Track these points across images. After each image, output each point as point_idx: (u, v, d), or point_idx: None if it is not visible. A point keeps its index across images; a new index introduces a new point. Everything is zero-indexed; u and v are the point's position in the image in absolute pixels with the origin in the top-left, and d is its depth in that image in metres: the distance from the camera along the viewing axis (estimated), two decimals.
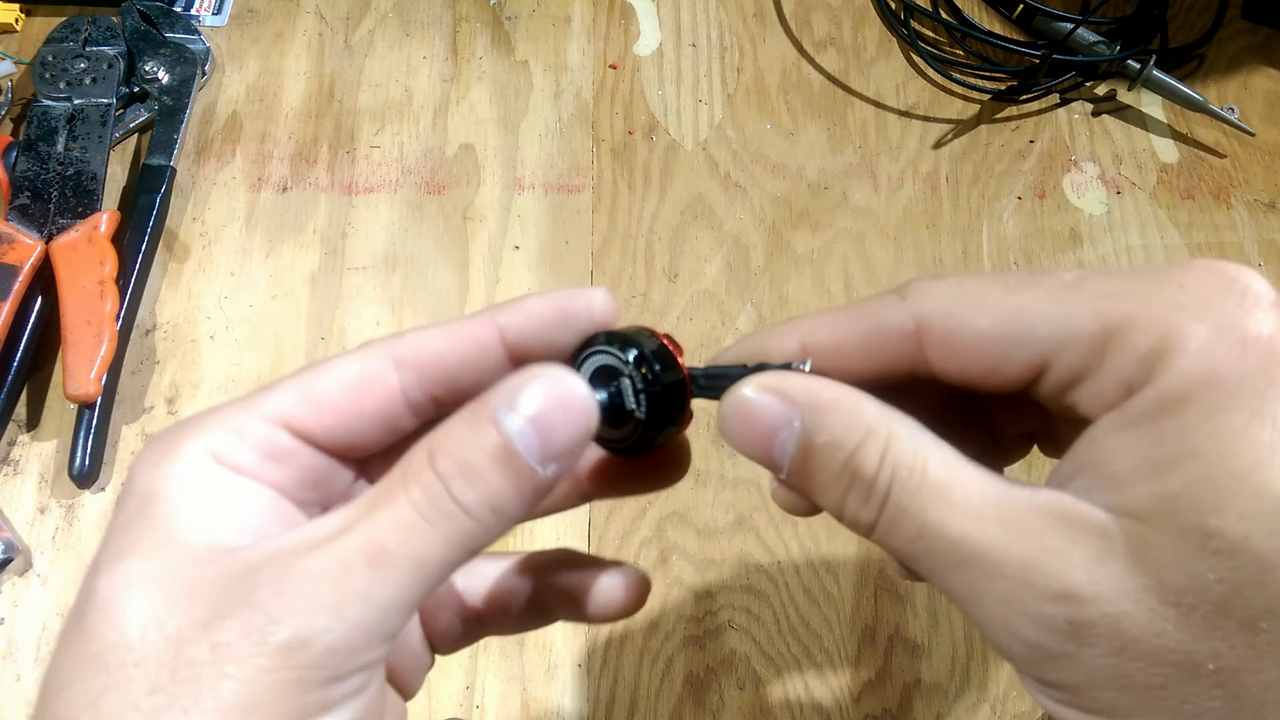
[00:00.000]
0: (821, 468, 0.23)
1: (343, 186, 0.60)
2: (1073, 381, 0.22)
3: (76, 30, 0.59)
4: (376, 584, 0.21)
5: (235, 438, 0.24)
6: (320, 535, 0.22)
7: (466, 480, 0.22)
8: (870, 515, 0.23)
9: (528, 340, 0.26)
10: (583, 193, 0.60)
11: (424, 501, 0.22)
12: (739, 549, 0.51)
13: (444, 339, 0.25)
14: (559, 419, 0.23)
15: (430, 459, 0.22)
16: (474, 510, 0.22)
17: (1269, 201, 0.62)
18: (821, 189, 0.61)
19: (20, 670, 0.47)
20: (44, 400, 0.53)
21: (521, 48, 0.65)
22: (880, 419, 0.23)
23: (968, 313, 0.23)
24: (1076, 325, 0.22)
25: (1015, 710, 0.48)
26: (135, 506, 0.23)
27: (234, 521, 0.23)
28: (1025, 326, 0.22)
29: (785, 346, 0.25)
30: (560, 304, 0.26)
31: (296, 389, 0.24)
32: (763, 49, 0.66)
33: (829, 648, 0.49)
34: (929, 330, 0.23)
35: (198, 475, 0.23)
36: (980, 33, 0.66)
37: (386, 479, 0.23)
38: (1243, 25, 0.69)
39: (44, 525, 0.50)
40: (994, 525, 0.21)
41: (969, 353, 0.23)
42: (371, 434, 0.25)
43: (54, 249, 0.53)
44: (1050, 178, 0.63)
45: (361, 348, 0.25)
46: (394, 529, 0.22)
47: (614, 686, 0.48)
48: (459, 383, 0.25)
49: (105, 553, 0.22)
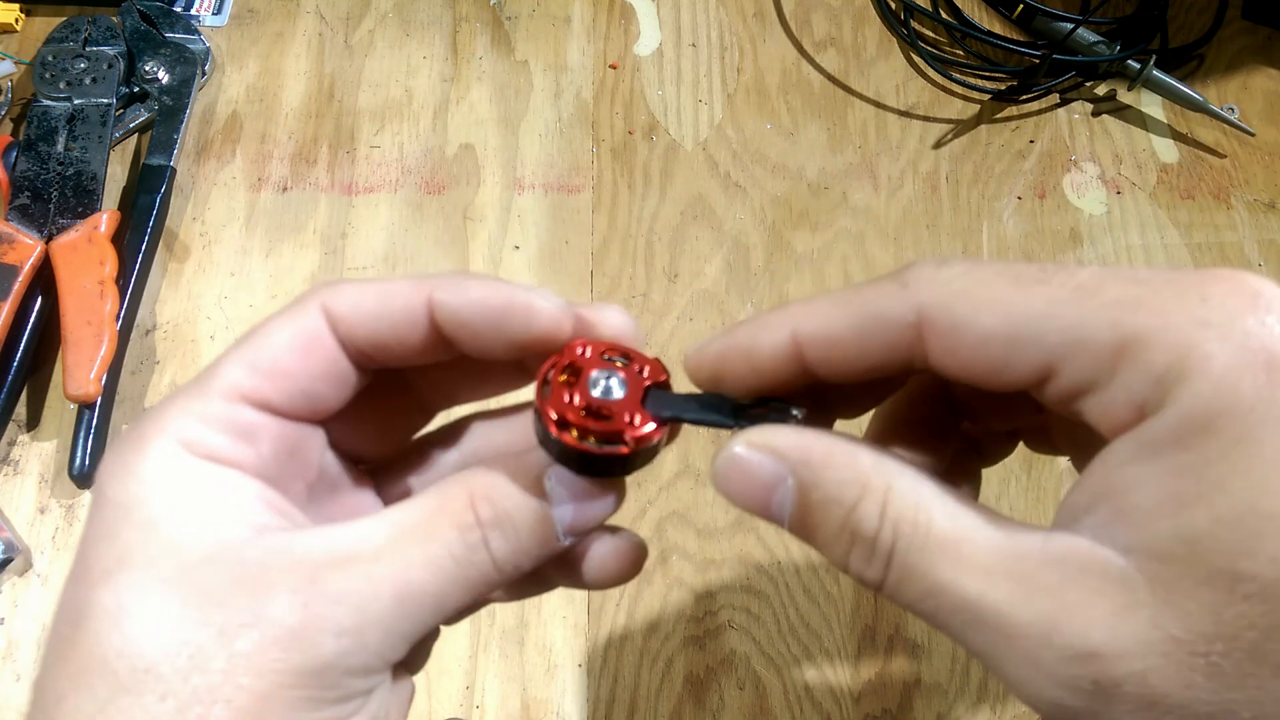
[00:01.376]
0: (820, 525, 0.22)
1: (343, 186, 0.60)
2: (1080, 392, 0.21)
3: (76, 30, 0.59)
4: (399, 616, 0.22)
5: (200, 423, 0.23)
6: (345, 551, 0.22)
7: (503, 534, 0.23)
8: (876, 574, 0.22)
9: (457, 326, 0.24)
10: (583, 193, 0.60)
11: (460, 545, 0.22)
12: (739, 549, 0.51)
13: (375, 300, 0.24)
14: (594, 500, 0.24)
15: (472, 502, 0.23)
16: (502, 563, 0.23)
17: (1269, 201, 0.62)
18: (821, 189, 0.61)
19: (20, 670, 0.47)
20: (44, 400, 0.53)
21: (521, 48, 0.65)
22: (876, 472, 0.22)
23: (973, 308, 0.21)
24: (1088, 334, 0.20)
25: (1015, 710, 0.48)
26: (115, 515, 0.22)
27: (225, 513, 0.22)
28: (1034, 329, 0.21)
29: (776, 339, 0.24)
30: (501, 301, 0.24)
31: (243, 360, 0.24)
32: (763, 49, 0.66)
33: (829, 648, 0.49)
34: (930, 323, 0.22)
35: (172, 470, 0.22)
36: (980, 33, 0.66)
37: (421, 503, 0.23)
38: (1243, 25, 0.69)
39: (44, 525, 0.50)
40: (1008, 582, 0.20)
41: (972, 351, 0.21)
42: (327, 392, 0.25)
43: (54, 249, 0.53)
44: (1050, 178, 0.63)
45: (296, 302, 0.25)
46: (425, 566, 0.22)
47: (614, 686, 0.48)
48: (385, 347, 0.25)
49: (92, 565, 0.21)
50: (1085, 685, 0.19)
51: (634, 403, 0.25)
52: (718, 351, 0.25)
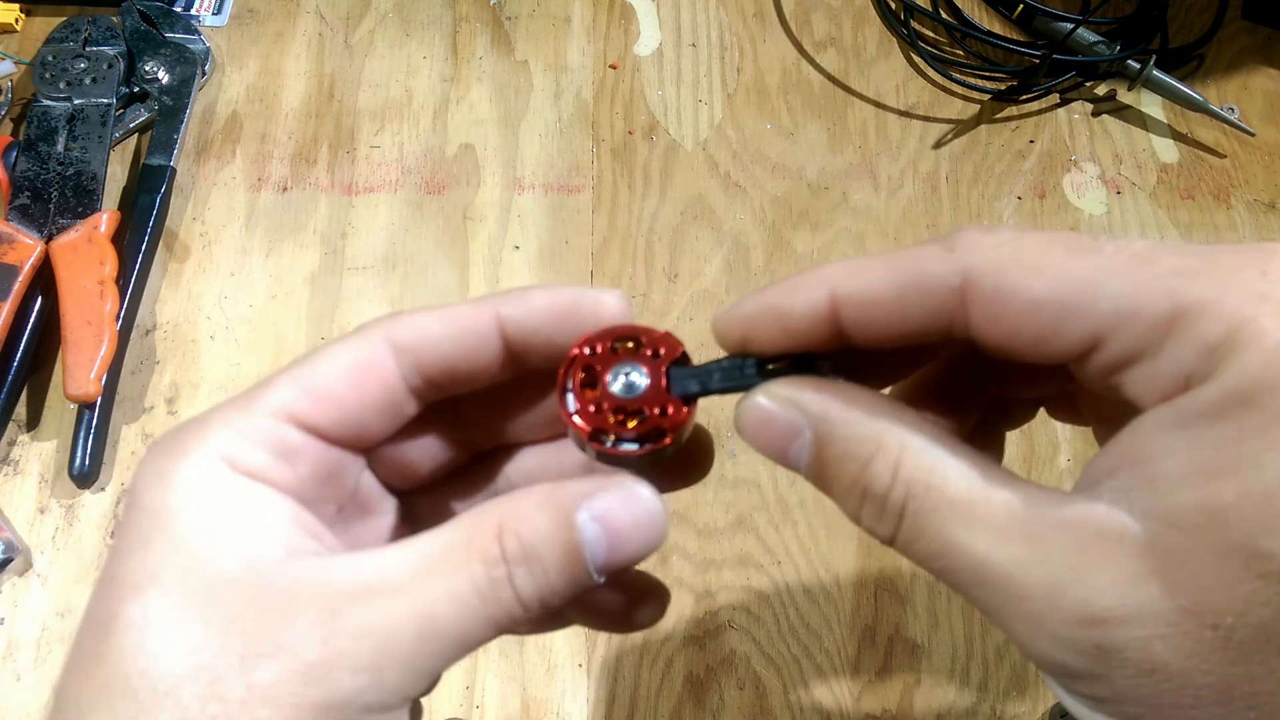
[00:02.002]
0: (834, 480, 0.23)
1: (343, 186, 0.60)
2: (1126, 363, 0.20)
3: (76, 30, 0.59)
4: (420, 653, 0.21)
5: (242, 439, 0.23)
6: (370, 582, 0.21)
7: (529, 570, 0.22)
8: (887, 530, 0.22)
9: (528, 337, 0.24)
10: (583, 193, 0.60)
11: (485, 581, 0.22)
12: (739, 549, 0.51)
13: (442, 325, 0.24)
14: (631, 534, 0.23)
15: (499, 535, 0.22)
16: (527, 600, 0.22)
17: (1269, 201, 0.62)
18: (821, 189, 0.61)
19: (20, 670, 0.47)
20: (44, 400, 0.53)
21: (521, 48, 0.65)
22: (891, 431, 0.22)
23: (1023, 273, 0.20)
24: (1142, 302, 0.19)
25: (1015, 710, 0.48)
26: (148, 523, 0.22)
27: (258, 533, 0.22)
28: (1087, 296, 0.20)
29: (812, 299, 0.23)
30: (567, 303, 0.24)
31: (296, 382, 0.24)
32: (763, 49, 0.66)
33: (829, 648, 0.49)
34: (976, 289, 0.21)
35: (210, 484, 0.22)
36: (980, 33, 0.66)
37: (448, 533, 0.22)
38: (1243, 25, 0.69)
39: (44, 525, 0.50)
40: (1019, 545, 0.20)
41: (1018, 318, 0.21)
42: (377, 422, 0.25)
43: (54, 249, 0.53)
44: (1050, 178, 0.63)
45: (358, 331, 0.24)
46: (449, 602, 0.21)
47: (614, 686, 0.48)
48: (457, 371, 0.25)
49: (122, 575, 0.21)
50: (1088, 649, 0.19)
51: (659, 389, 0.24)
52: (748, 313, 0.24)
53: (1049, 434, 0.54)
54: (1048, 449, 0.54)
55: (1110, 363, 0.20)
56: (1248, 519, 0.18)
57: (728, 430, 0.54)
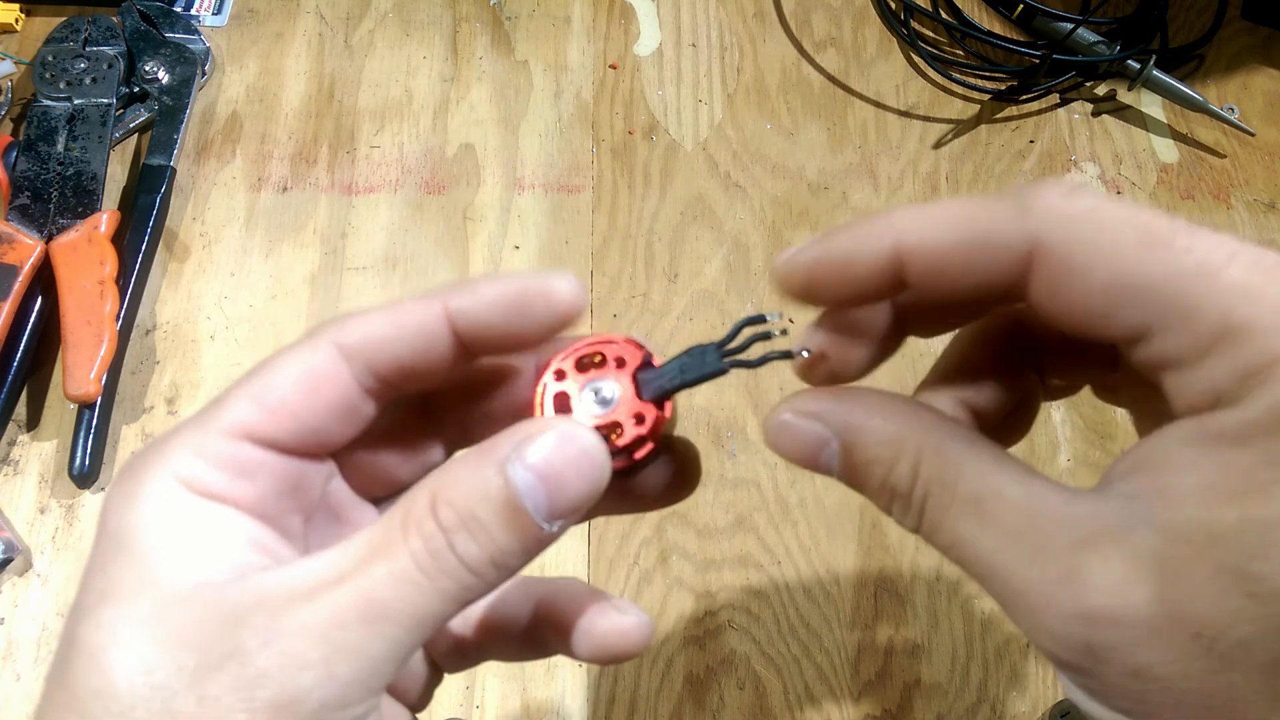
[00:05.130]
0: (865, 482, 0.24)
1: (343, 186, 0.60)
2: (1168, 364, 0.21)
3: (76, 30, 0.59)
4: (370, 639, 0.21)
5: (199, 459, 0.23)
6: (312, 581, 0.21)
7: (470, 534, 0.21)
8: (912, 524, 0.23)
9: (480, 330, 0.24)
10: (583, 193, 0.60)
11: (424, 554, 0.21)
12: (739, 549, 0.51)
13: (390, 325, 0.24)
14: (569, 475, 0.22)
15: (432, 507, 0.21)
16: (475, 565, 0.21)
17: (1269, 201, 0.62)
18: (821, 189, 0.61)
19: (20, 670, 0.47)
20: (44, 400, 0.53)
21: (521, 48, 0.65)
22: (910, 435, 0.23)
23: (1090, 256, 0.20)
24: (1197, 313, 0.20)
25: (1015, 710, 0.48)
26: (109, 546, 0.22)
27: (212, 553, 0.22)
28: (1145, 290, 0.20)
29: (878, 248, 0.22)
30: (516, 291, 0.24)
31: (249, 397, 0.23)
32: (763, 49, 0.66)
33: (829, 648, 0.49)
34: (1043, 260, 0.21)
35: (168, 506, 0.22)
36: (980, 33, 0.66)
37: (385, 520, 0.22)
38: (1243, 25, 0.69)
39: (44, 525, 0.50)
40: (1022, 541, 0.21)
41: (1077, 296, 0.21)
42: (335, 429, 0.24)
43: (54, 249, 0.53)
44: (1050, 177, 0.63)
45: (306, 338, 0.24)
46: (391, 582, 0.21)
47: (614, 686, 0.48)
48: (410, 370, 0.24)
49: (84, 597, 0.22)
50: (1079, 645, 0.20)
51: (631, 399, 0.24)
52: (812, 260, 0.23)
53: (1049, 434, 0.54)
54: (1048, 449, 0.54)
55: (1153, 359, 0.21)
56: (1246, 543, 0.19)
57: (727, 430, 0.54)
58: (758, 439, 0.54)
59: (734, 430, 0.54)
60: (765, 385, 0.55)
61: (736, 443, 0.54)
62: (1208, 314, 0.20)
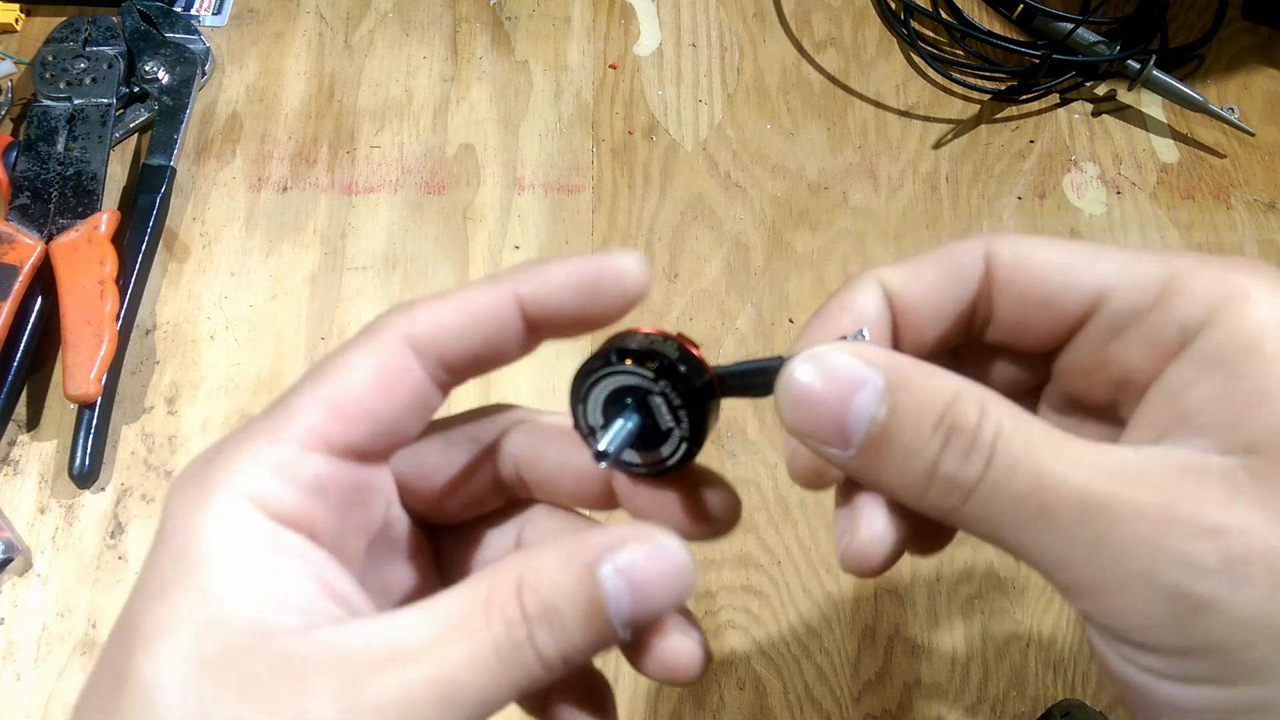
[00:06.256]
0: (910, 426, 0.21)
1: (343, 186, 0.60)
2: (1125, 322, 0.22)
3: (76, 30, 0.59)
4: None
5: (274, 475, 0.22)
6: (388, 650, 0.20)
7: (550, 629, 0.21)
8: (974, 471, 0.21)
9: (550, 313, 0.24)
10: (583, 193, 0.60)
11: (505, 641, 0.21)
12: (739, 549, 0.51)
13: (460, 316, 0.23)
14: (657, 588, 0.21)
15: (518, 592, 0.21)
16: (549, 660, 0.21)
17: (1269, 201, 0.62)
18: (821, 189, 0.61)
19: (20, 670, 0.47)
20: (44, 400, 0.53)
21: (521, 48, 0.65)
22: (969, 382, 0.22)
23: (1035, 246, 0.24)
24: (1140, 269, 0.23)
25: (1015, 710, 0.48)
26: (170, 568, 0.21)
27: (282, 593, 0.21)
28: (1089, 261, 0.23)
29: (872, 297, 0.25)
30: (587, 273, 0.23)
31: (322, 402, 0.23)
32: (763, 49, 0.66)
33: (829, 648, 0.49)
34: (997, 258, 0.24)
35: (239, 531, 0.21)
36: (980, 33, 0.66)
37: (468, 591, 0.21)
38: (1243, 25, 0.69)
39: (44, 525, 0.50)
40: (1118, 475, 0.20)
41: (1030, 280, 0.24)
42: (409, 426, 0.24)
43: (54, 249, 0.53)
44: (1050, 178, 0.63)
45: (371, 333, 0.23)
46: (468, 665, 0.20)
47: (614, 686, 0.48)
48: (481, 358, 0.24)
49: (139, 623, 0.21)
50: (1213, 564, 0.19)
51: None
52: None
53: None
54: None
55: (1112, 322, 0.23)
56: None
57: (728, 430, 0.54)
58: (758, 439, 0.54)
59: (734, 430, 0.54)
60: None
61: (736, 443, 0.54)
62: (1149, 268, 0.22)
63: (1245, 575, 0.19)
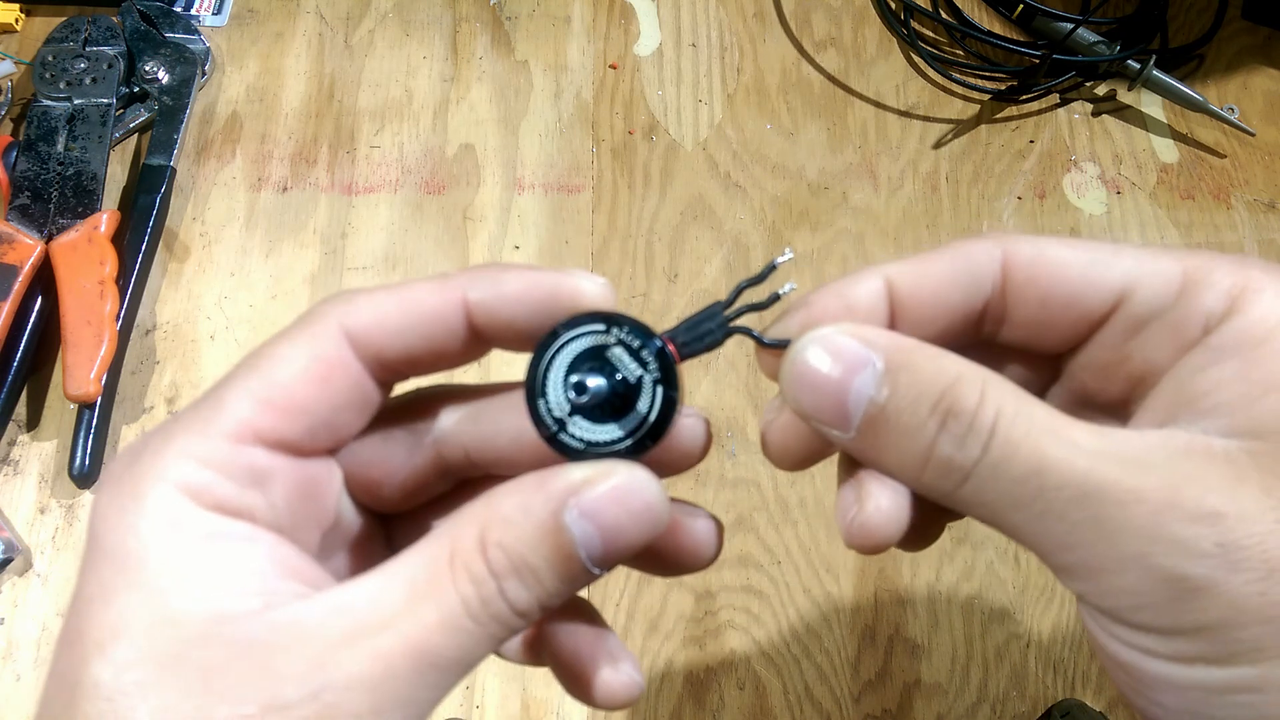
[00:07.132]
0: (908, 409, 0.21)
1: (343, 186, 0.60)
2: (1148, 317, 0.22)
3: (76, 30, 0.59)
4: (420, 688, 0.19)
5: (205, 468, 0.21)
6: (355, 621, 0.19)
7: (521, 580, 0.20)
8: (970, 454, 0.21)
9: (499, 325, 0.22)
10: (583, 193, 0.60)
11: (475, 599, 0.20)
12: (739, 549, 0.51)
13: (400, 311, 0.22)
14: (628, 524, 0.21)
15: (481, 548, 0.20)
16: (523, 609, 0.20)
17: (1269, 201, 0.62)
18: (821, 189, 0.61)
19: (20, 670, 0.47)
20: (44, 400, 0.53)
21: (521, 48, 0.65)
22: (973, 365, 0.22)
23: (1054, 246, 0.23)
24: (1161, 264, 0.23)
25: (1015, 710, 0.48)
26: (110, 570, 0.20)
27: (232, 578, 0.20)
28: (1110, 259, 0.23)
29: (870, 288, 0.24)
30: (543, 287, 0.22)
31: (252, 394, 0.21)
32: (763, 49, 0.66)
33: (829, 648, 0.49)
34: (1014, 258, 0.23)
35: (175, 522, 0.20)
36: (980, 33, 0.66)
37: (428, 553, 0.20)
38: (1243, 25, 0.69)
39: (44, 525, 0.50)
40: (1120, 459, 0.20)
41: (1053, 279, 0.23)
42: (350, 420, 0.23)
43: (54, 249, 0.53)
44: (1050, 178, 0.63)
45: (307, 324, 0.22)
46: (441, 630, 0.20)
47: None
48: (419, 360, 0.23)
49: (86, 629, 0.19)
50: (1209, 548, 0.19)
51: None
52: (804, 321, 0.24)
53: None
54: None
55: (1135, 317, 0.23)
56: None
57: (727, 430, 0.54)
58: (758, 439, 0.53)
59: (734, 430, 0.54)
60: (766, 385, 0.55)
61: (736, 443, 0.54)
62: (1166, 265, 0.23)
63: (1242, 560, 0.19)
